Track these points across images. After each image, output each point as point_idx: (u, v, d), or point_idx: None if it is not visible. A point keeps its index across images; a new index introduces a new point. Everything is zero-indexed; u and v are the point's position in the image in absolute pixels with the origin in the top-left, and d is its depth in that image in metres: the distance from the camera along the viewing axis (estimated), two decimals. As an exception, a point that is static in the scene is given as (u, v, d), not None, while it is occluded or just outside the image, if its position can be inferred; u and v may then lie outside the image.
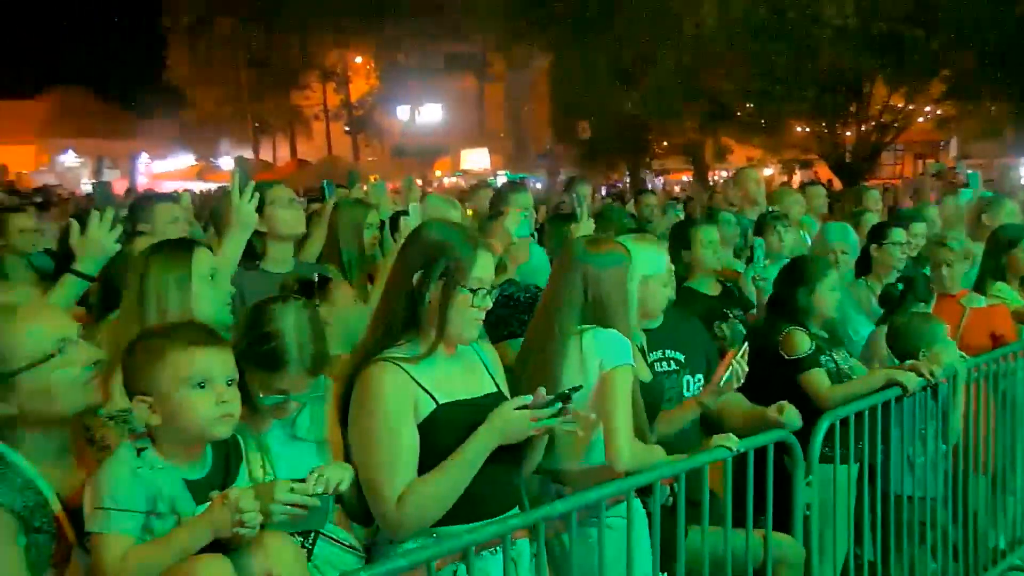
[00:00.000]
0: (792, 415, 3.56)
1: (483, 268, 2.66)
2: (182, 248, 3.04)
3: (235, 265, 3.66)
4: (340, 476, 2.46)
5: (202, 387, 2.08)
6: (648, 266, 3.51)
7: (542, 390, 2.57)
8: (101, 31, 47.25)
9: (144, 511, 2.02)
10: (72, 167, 35.54)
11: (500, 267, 4.70)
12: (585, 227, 4.70)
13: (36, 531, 1.99)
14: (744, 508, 3.40)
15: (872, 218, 6.42)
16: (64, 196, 16.22)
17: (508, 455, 2.64)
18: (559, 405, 2.55)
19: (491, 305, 2.71)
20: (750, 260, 5.33)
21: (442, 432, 2.57)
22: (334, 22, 38.35)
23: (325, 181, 6.29)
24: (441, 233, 2.70)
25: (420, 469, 2.55)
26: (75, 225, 3.42)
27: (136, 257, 3.12)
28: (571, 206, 5.90)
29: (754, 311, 5.14)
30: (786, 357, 4.17)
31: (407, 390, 2.57)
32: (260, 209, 3.80)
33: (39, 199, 12.38)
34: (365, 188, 7.31)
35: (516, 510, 2.75)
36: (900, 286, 4.85)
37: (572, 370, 3.05)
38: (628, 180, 32.39)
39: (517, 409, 2.55)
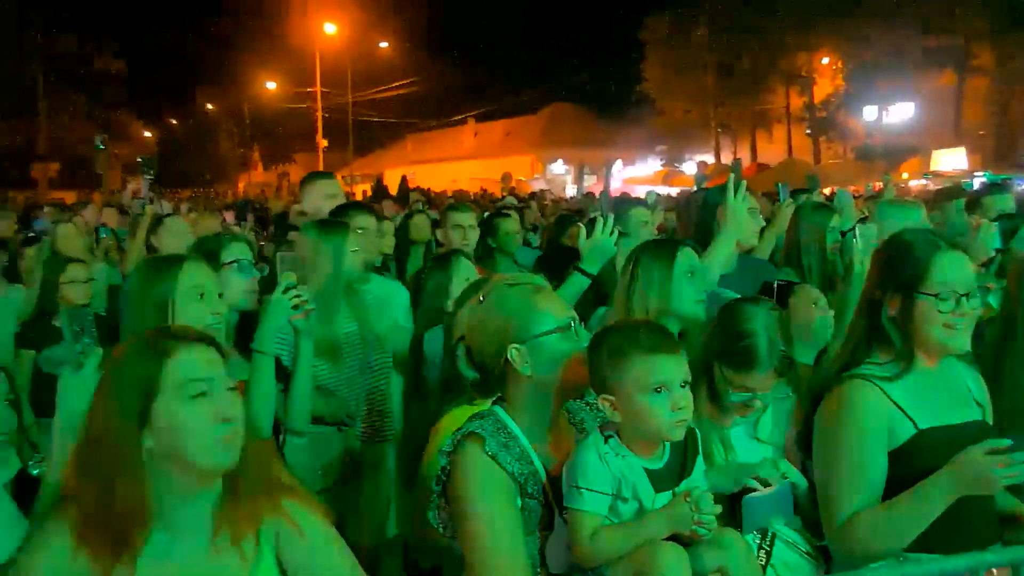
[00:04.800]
0: None
1: (949, 271, 2.46)
2: (665, 248, 3.24)
3: (724, 264, 3.74)
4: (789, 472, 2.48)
5: (659, 392, 2.13)
6: None
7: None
8: (588, 51, 51.90)
9: (610, 494, 2.14)
10: (559, 174, 39.41)
11: None
12: None
13: (529, 497, 2.21)
14: None
15: None
16: (551, 201, 17.91)
17: None
18: None
19: (967, 312, 2.47)
20: None
21: (922, 459, 2.42)
22: (802, 24, 37.52)
23: (779, 183, 6.23)
24: (903, 238, 2.58)
25: (894, 493, 2.42)
26: (583, 230, 3.79)
27: (629, 255, 3.37)
28: None
29: None
30: None
31: (883, 412, 2.46)
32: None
33: (532, 203, 13.88)
34: (826, 192, 7.12)
35: (998, 545, 2.51)
36: None
37: None
38: None
39: (987, 454, 2.28)
